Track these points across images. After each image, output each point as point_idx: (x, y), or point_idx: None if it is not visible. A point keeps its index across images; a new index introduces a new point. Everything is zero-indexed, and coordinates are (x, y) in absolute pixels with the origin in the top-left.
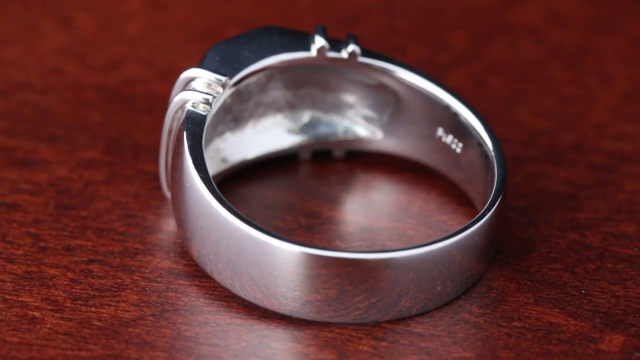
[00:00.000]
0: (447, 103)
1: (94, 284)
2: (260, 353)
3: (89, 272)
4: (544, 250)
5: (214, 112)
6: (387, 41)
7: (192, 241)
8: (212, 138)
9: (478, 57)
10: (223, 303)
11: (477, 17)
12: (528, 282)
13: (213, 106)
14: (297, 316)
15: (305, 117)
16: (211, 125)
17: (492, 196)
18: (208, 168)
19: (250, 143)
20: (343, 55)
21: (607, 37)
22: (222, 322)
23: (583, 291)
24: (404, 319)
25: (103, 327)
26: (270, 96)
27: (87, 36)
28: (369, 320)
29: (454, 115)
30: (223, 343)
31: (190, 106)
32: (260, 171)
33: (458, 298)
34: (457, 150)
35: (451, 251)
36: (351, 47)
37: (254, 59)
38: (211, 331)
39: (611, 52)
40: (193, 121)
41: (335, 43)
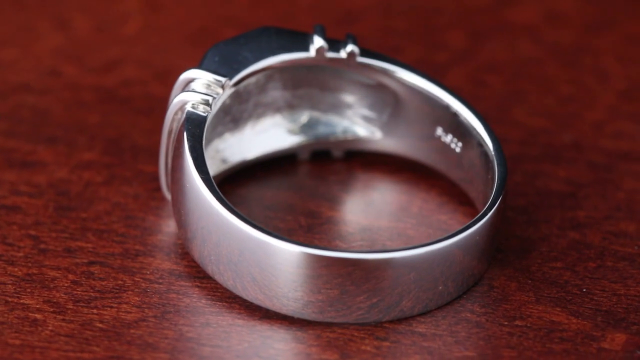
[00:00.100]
0: (447, 103)
1: (95, 286)
2: (262, 354)
3: (90, 274)
4: (544, 249)
5: (214, 113)
6: (385, 41)
7: (193, 242)
8: (212, 139)
9: (476, 57)
10: (225, 304)
11: (475, 17)
12: (529, 281)
13: (213, 107)
14: (299, 317)
15: (304, 118)
16: (210, 126)
17: (493, 196)
18: (208, 169)
19: (249, 144)
20: (342, 55)
21: (605, 36)
22: (224, 323)
23: (584, 290)
24: (406, 319)
25: (105, 329)
26: (269, 96)
27: (84, 37)
28: (371, 320)
29: (454, 115)
30: (225, 344)
31: (190, 107)
32: (259, 172)
33: (459, 297)
34: (457, 149)
35: (452, 251)
36: (350, 47)
37: (253, 60)
38: (213, 332)
39: (609, 51)
40: (193, 122)
41: (334, 43)
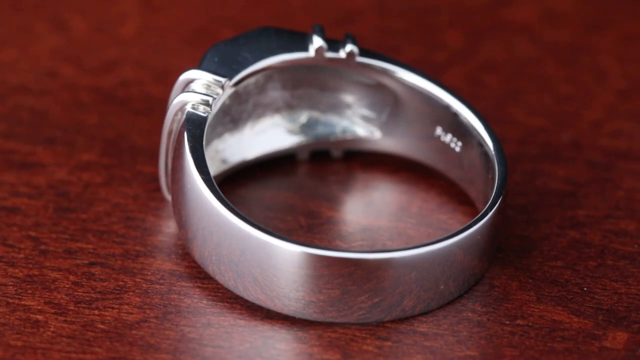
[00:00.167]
0: (447, 103)
1: (97, 287)
2: (264, 354)
3: (91, 275)
4: (545, 248)
5: (214, 114)
6: (382, 41)
7: (194, 243)
8: (211, 139)
9: (473, 56)
10: (226, 304)
11: (472, 16)
12: (530, 280)
13: (213, 107)
14: (301, 317)
15: (303, 118)
16: (210, 126)
17: (494, 195)
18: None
19: (249, 144)
20: (341, 55)
21: (602, 35)
22: (226, 324)
23: (585, 289)
24: (408, 319)
25: (107, 330)
26: (268, 97)
27: (83, 38)
28: (373, 320)
29: (454, 115)
30: (227, 344)
31: (190, 108)
32: (259, 172)
33: (461, 297)
34: (457, 149)
35: (453, 250)
36: (349, 47)
37: (253, 60)
38: (215, 333)
39: (607, 50)
40: (193, 123)
41: (333, 43)
